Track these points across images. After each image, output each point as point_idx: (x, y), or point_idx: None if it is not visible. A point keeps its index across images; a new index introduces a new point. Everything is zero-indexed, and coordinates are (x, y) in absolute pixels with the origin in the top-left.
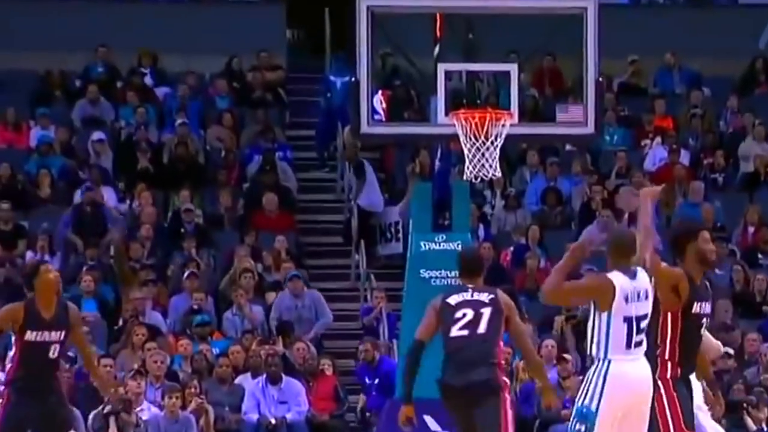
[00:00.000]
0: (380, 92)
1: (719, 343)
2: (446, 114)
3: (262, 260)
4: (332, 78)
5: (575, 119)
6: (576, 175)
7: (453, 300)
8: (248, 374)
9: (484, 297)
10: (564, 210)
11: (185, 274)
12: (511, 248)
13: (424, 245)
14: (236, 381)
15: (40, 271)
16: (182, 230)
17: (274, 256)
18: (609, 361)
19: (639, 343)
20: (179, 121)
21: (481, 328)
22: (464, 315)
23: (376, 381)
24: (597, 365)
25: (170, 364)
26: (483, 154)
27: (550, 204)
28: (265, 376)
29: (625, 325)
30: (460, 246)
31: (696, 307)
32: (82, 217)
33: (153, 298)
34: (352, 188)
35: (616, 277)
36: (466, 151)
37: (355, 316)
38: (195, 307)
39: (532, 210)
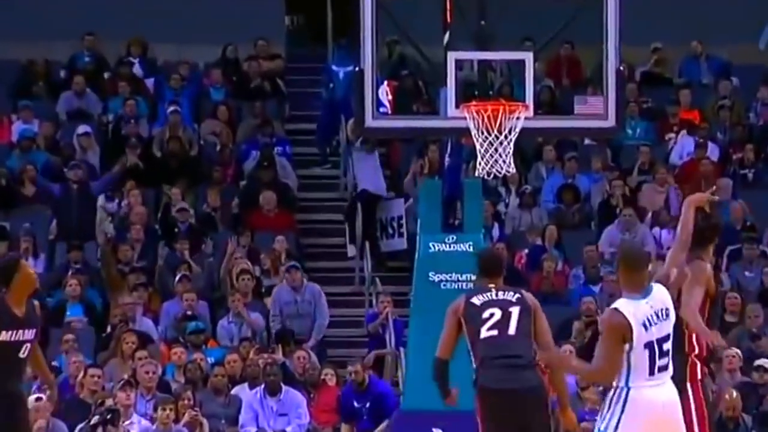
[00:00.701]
0: (386, 83)
1: None
2: (457, 106)
3: (260, 263)
4: (334, 68)
5: (595, 111)
6: (595, 171)
7: (477, 300)
8: (245, 385)
9: (510, 296)
10: (582, 208)
11: (178, 278)
12: (526, 250)
13: (433, 246)
14: (233, 392)
15: (20, 266)
16: (175, 230)
17: (273, 258)
18: (629, 389)
19: (663, 368)
20: (171, 109)
21: (511, 329)
22: (492, 315)
23: (368, 405)
24: (616, 391)
25: (162, 374)
26: (496, 149)
27: (568, 202)
28: (263, 386)
29: (647, 351)
30: (471, 247)
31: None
32: (68, 216)
33: (143, 304)
34: (352, 168)
35: (626, 308)
36: (477, 146)
37: (359, 322)
38: (188, 312)
39: (549, 209)
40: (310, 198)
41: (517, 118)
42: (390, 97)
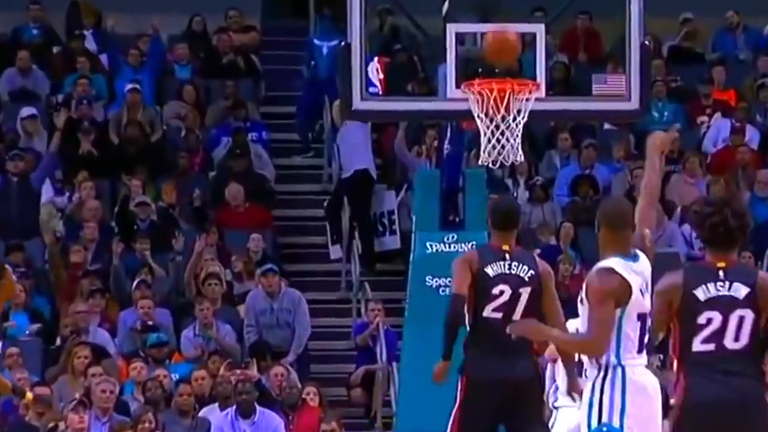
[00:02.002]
0: (376, 59)
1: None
2: (457, 86)
3: (231, 265)
4: (317, 42)
5: (615, 92)
6: (616, 160)
7: (491, 270)
8: (215, 405)
9: (524, 272)
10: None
11: (136, 282)
12: (538, 250)
13: (431, 246)
14: (200, 414)
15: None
16: (134, 228)
17: (246, 260)
18: (623, 368)
19: (647, 347)
20: (129, 87)
21: (517, 314)
22: (501, 293)
23: None
24: (607, 373)
25: (119, 392)
26: (503, 134)
27: (585, 195)
28: (235, 407)
29: (639, 324)
30: (474, 247)
31: None
32: (6, 212)
33: (98, 312)
34: (338, 155)
35: (620, 267)
36: (481, 131)
37: (345, 333)
38: (149, 323)
39: (563, 203)
40: (289, 191)
41: (527, 99)
42: (381, 75)
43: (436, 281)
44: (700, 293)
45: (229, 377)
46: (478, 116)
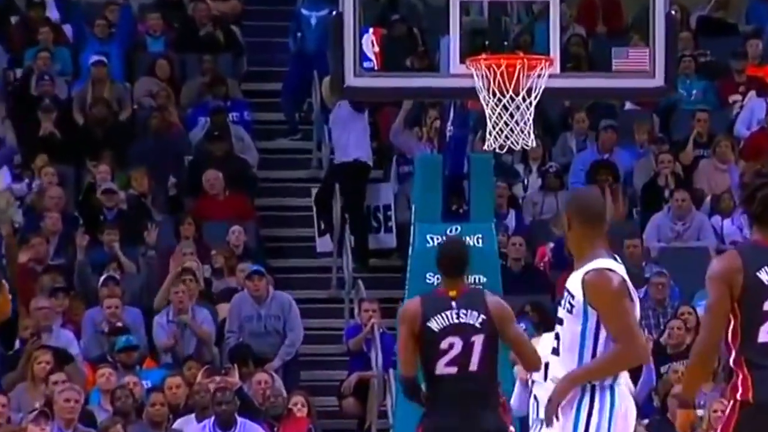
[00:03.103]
0: (371, 31)
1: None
2: (462, 61)
3: (210, 260)
4: (305, 12)
5: (638, 67)
6: (639, 144)
7: (435, 324)
8: (191, 416)
9: (474, 318)
10: (623, 191)
11: (103, 279)
12: (552, 244)
13: (432, 240)
14: (174, 425)
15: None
16: (100, 218)
17: (227, 254)
18: (612, 389)
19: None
20: (94, 59)
21: (473, 364)
22: (451, 346)
23: None
24: (594, 395)
25: (85, 401)
26: (512, 116)
27: (604, 184)
28: (213, 418)
29: None
30: (480, 241)
31: None
32: None
33: (61, 312)
34: (329, 137)
35: (618, 268)
36: (488, 112)
37: (337, 336)
38: (118, 324)
39: None
40: (274, 178)
41: (539, 76)
42: (376, 48)
43: (438, 278)
44: (765, 276)
45: (207, 385)
46: (485, 95)
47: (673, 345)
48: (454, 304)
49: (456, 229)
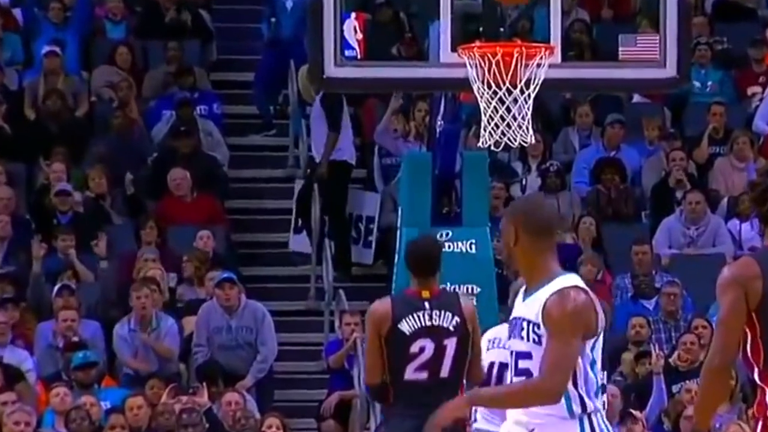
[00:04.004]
0: (353, 15)
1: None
2: (453, 49)
3: (177, 268)
4: None
5: (647, 56)
6: (649, 141)
7: (407, 326)
8: None
9: (448, 320)
10: (630, 193)
11: (57, 288)
12: None
13: None
14: None
15: None
16: (54, 222)
17: (195, 262)
18: (590, 417)
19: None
20: (48, 50)
21: (444, 370)
22: (422, 349)
23: None
24: (592, 419)
25: (37, 423)
26: (509, 110)
27: (610, 184)
28: None
29: (600, 359)
30: (474, 247)
31: None
32: None
33: (11, 325)
34: (305, 133)
35: (581, 284)
36: (483, 105)
37: (316, 352)
38: (74, 338)
39: (583, 193)
40: (246, 177)
41: (538, 66)
42: (359, 35)
43: None
44: None
45: (173, 406)
46: (479, 87)
47: (686, 362)
48: (427, 305)
49: (447, 234)
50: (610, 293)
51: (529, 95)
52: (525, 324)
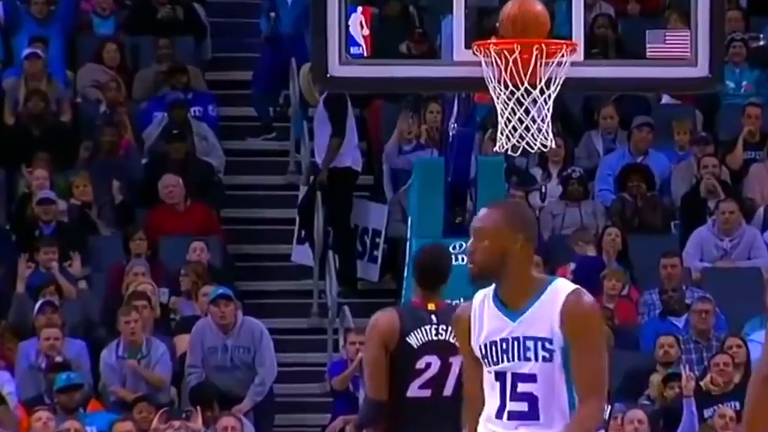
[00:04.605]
0: (360, 10)
1: None
2: (467, 46)
3: (169, 282)
4: None
5: (677, 53)
6: (679, 145)
7: (415, 339)
8: None
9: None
10: (658, 201)
11: (38, 305)
12: (573, 264)
13: None
14: None
15: None
16: (36, 233)
17: (192, 276)
18: None
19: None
20: (27, 51)
21: (448, 389)
22: (428, 366)
23: None
24: None
25: None
26: (527, 111)
27: (636, 191)
28: None
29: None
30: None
31: None
32: None
33: None
34: (307, 136)
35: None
36: (499, 107)
37: (319, 373)
38: (57, 359)
39: (608, 201)
40: (243, 185)
41: (560, 64)
42: (366, 31)
43: None
44: None
45: (165, 431)
46: (495, 87)
47: (719, 384)
48: (433, 318)
49: (460, 246)
50: (637, 310)
51: (549, 96)
52: (531, 343)
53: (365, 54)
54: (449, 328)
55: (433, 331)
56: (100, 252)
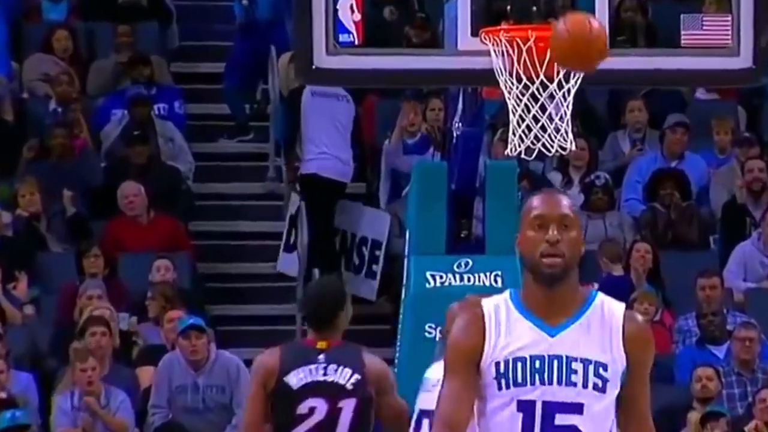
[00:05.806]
0: None
1: None
2: (475, 33)
3: (129, 306)
4: None
5: (716, 42)
6: (719, 148)
7: (295, 379)
8: None
9: (345, 377)
10: (695, 212)
11: None
12: (595, 285)
13: (433, 279)
14: None
15: None
16: None
17: (157, 299)
18: None
19: None
20: None
21: None
22: (311, 411)
23: None
24: None
25: None
26: (543, 108)
27: (669, 201)
28: None
29: None
30: (499, 280)
31: None
32: None
33: None
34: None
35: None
36: (511, 105)
37: None
38: (2, 395)
39: (637, 212)
40: (216, 193)
41: None
42: (358, 16)
43: (440, 330)
44: None
45: None
46: (506, 80)
47: (766, 422)
48: (321, 357)
49: (466, 264)
50: (671, 338)
51: (568, 91)
52: (579, 366)
53: (356, 42)
54: (341, 369)
55: (320, 371)
56: (49, 271)
